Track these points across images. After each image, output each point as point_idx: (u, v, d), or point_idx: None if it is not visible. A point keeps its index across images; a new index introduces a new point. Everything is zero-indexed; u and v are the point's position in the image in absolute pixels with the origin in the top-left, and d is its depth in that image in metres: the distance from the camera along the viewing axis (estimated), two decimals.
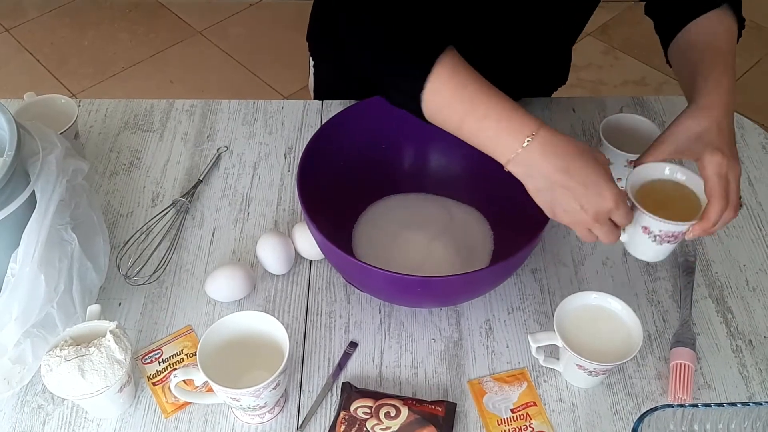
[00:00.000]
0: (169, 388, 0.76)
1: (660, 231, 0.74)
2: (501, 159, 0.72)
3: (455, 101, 0.74)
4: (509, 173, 0.73)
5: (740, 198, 0.77)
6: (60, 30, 2.65)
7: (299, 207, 0.98)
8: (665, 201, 0.76)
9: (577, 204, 0.71)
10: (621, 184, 0.94)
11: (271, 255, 0.89)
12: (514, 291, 0.90)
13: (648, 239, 0.75)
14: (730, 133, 0.79)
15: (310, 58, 1.19)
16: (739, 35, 0.89)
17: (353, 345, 0.85)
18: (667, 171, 0.78)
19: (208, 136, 1.09)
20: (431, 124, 0.77)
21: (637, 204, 0.74)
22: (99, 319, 0.79)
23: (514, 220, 0.88)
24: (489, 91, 0.74)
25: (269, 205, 1.00)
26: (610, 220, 0.72)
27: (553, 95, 1.21)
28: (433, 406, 0.77)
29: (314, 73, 1.22)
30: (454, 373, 0.82)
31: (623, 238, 0.77)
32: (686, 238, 0.75)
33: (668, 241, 0.75)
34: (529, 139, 0.70)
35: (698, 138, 0.78)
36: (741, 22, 0.88)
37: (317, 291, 0.90)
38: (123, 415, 0.79)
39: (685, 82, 0.85)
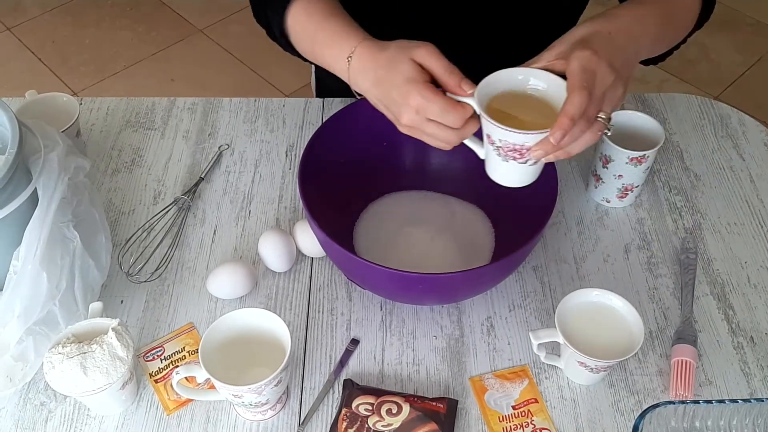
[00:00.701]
0: (171, 385, 0.77)
1: (500, 141, 0.64)
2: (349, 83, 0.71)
3: (305, 34, 0.75)
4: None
5: (609, 120, 0.62)
6: (61, 28, 2.65)
7: (300, 204, 0.98)
8: (526, 114, 0.65)
9: (393, 114, 0.67)
10: (622, 181, 0.94)
11: (272, 252, 0.89)
12: (516, 288, 0.90)
13: (493, 152, 0.66)
14: (622, 50, 0.64)
15: None
16: (706, 17, 0.80)
17: (355, 342, 0.85)
18: (521, 77, 0.65)
19: (209, 134, 1.09)
20: None
21: (480, 110, 0.63)
22: (101, 316, 0.79)
23: (515, 217, 0.88)
24: (331, 18, 0.72)
25: (270, 202, 1.00)
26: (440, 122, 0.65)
27: None
28: (434, 403, 0.77)
29: (315, 73, 1.22)
30: (455, 370, 0.82)
31: (480, 154, 0.69)
32: (533, 155, 0.62)
33: (513, 158, 0.64)
34: (350, 58, 0.68)
35: (582, 41, 0.64)
36: (708, 4, 0.80)
37: (319, 288, 0.90)
38: (125, 412, 0.79)
39: None
